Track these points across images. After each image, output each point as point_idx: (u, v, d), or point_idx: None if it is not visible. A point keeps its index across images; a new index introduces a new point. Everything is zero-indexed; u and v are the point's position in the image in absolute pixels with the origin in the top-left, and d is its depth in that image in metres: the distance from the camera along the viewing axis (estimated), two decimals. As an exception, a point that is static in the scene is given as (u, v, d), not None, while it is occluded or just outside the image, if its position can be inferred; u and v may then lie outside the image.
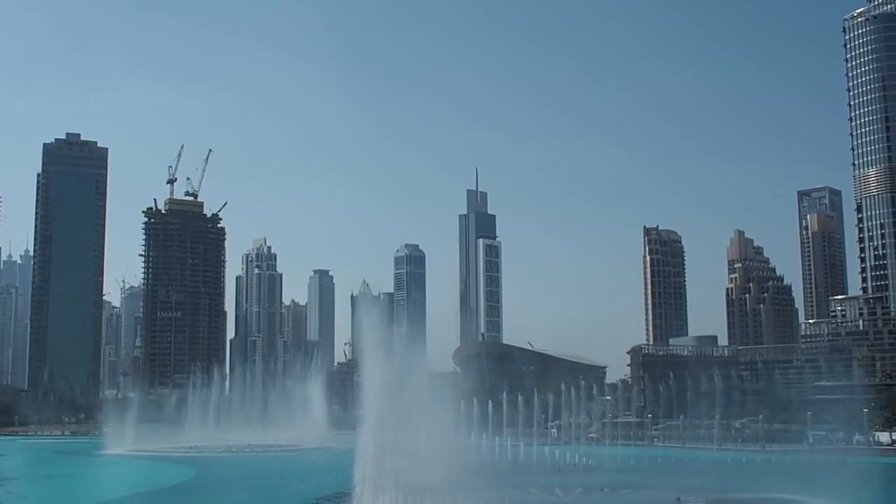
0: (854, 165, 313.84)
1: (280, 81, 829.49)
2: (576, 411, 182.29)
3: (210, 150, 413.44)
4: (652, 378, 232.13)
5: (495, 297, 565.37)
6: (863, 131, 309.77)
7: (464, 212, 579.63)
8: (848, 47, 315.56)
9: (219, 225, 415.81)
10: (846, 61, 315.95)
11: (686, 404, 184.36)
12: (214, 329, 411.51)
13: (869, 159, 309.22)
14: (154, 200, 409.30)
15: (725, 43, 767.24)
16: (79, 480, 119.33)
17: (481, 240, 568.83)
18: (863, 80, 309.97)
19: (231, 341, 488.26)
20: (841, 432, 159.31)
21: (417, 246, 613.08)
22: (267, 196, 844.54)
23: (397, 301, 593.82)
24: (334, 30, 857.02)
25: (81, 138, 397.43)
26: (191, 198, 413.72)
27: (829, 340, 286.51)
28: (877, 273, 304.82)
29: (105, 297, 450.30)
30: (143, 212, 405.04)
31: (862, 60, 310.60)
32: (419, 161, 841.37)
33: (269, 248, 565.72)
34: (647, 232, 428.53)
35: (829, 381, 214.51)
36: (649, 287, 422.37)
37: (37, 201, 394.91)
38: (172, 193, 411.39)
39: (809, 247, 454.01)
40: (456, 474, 73.70)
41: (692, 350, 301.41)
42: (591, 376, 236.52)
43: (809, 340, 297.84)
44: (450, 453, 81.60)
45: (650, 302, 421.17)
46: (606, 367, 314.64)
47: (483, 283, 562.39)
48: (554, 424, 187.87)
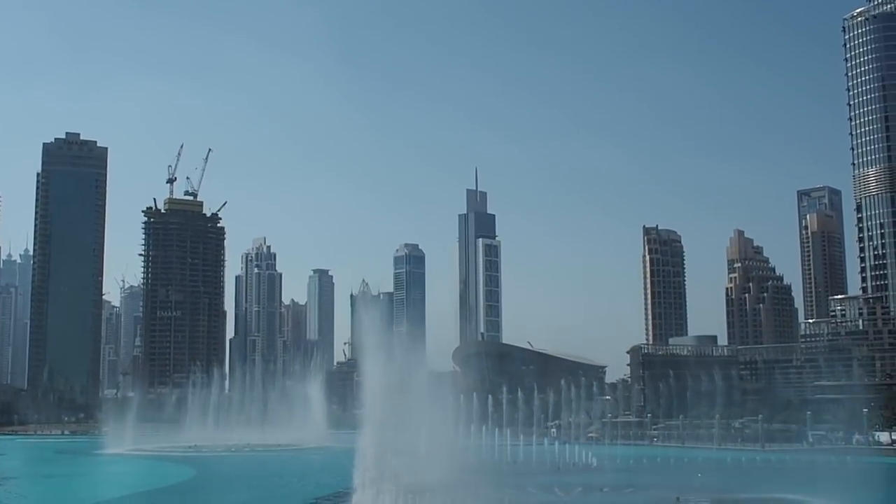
0: (854, 165, 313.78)
1: (280, 81, 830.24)
2: (575, 411, 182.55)
3: (210, 150, 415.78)
4: (652, 378, 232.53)
5: (495, 297, 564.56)
6: (862, 131, 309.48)
7: (463, 211, 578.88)
8: (848, 47, 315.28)
9: (218, 224, 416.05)
10: (846, 61, 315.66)
11: (686, 404, 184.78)
12: (214, 329, 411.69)
13: (869, 159, 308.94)
14: (154, 200, 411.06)
15: (725, 43, 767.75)
16: (78, 480, 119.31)
17: (481, 239, 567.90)
18: (862, 80, 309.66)
19: (231, 341, 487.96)
20: (841, 432, 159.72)
21: (417, 245, 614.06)
22: (267, 196, 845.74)
23: (397, 301, 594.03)
24: (334, 29, 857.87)
25: (81, 138, 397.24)
26: (190, 197, 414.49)
27: (829, 340, 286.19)
28: (876, 273, 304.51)
29: (105, 297, 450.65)
30: (143, 211, 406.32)
31: (862, 60, 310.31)
32: (419, 160, 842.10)
33: (269, 248, 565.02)
34: (647, 231, 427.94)
35: (829, 381, 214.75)
36: (649, 287, 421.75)
37: (36, 201, 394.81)
38: (172, 193, 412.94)
39: (809, 246, 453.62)
40: (456, 474, 73.62)
41: (692, 350, 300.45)
42: (591, 376, 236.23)
43: (809, 340, 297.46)
44: (449, 453, 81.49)
45: (650, 302, 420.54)
46: (606, 367, 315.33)
47: (483, 283, 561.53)
48: (553, 424, 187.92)
